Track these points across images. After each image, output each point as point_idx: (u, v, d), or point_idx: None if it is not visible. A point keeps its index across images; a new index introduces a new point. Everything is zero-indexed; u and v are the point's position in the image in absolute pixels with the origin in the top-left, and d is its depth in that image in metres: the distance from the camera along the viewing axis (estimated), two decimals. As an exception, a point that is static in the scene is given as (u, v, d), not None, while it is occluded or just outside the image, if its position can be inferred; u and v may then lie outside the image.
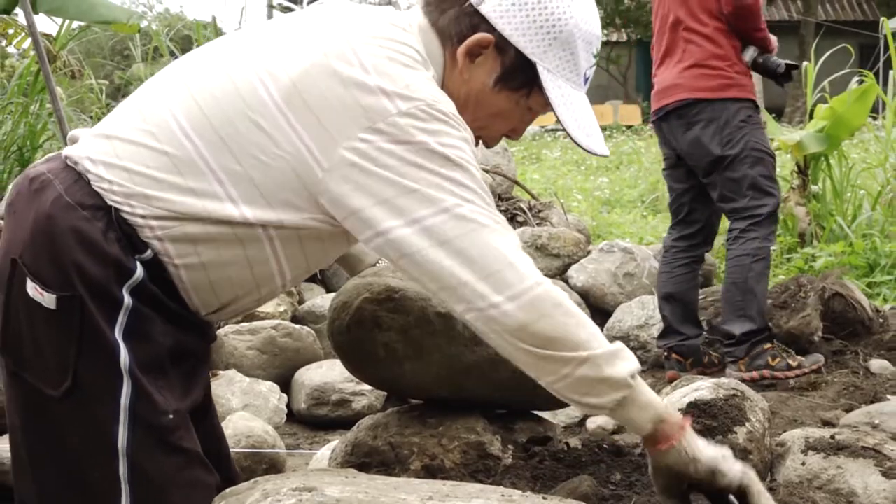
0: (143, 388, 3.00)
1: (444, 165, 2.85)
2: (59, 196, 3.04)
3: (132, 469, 3.02)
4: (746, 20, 7.45)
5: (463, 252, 2.82)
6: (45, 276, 2.99)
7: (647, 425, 2.87)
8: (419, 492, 2.74)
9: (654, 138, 30.34)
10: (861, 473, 3.19)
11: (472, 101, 3.13)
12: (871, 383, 7.67)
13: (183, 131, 2.99)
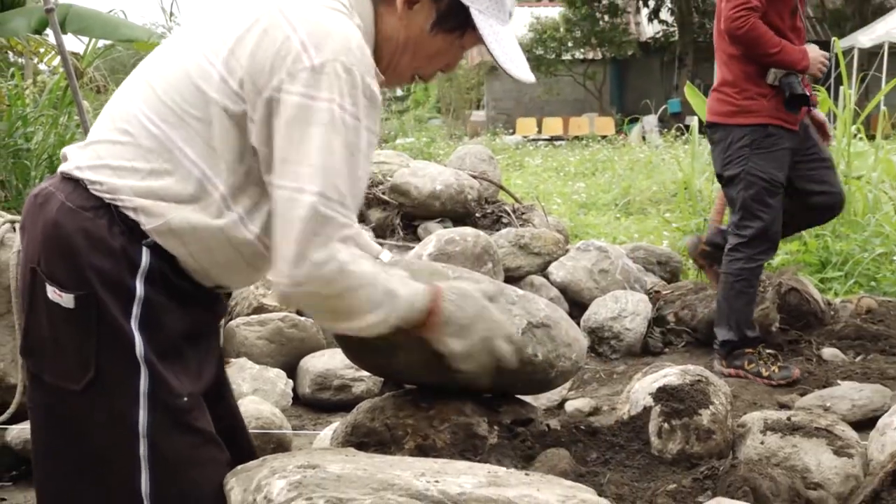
0: (159, 374, 3.02)
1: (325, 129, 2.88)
2: (61, 203, 3.06)
3: (152, 449, 3.03)
4: (748, 48, 7.30)
5: (286, 234, 2.89)
6: (62, 278, 3.01)
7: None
8: (413, 469, 2.77)
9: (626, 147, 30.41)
10: (814, 452, 3.20)
11: (412, 44, 3.18)
12: (823, 370, 7.70)
13: (149, 119, 3.03)
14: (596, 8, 49.17)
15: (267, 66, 2.89)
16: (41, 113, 10.71)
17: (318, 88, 2.86)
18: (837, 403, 6.63)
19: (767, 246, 7.49)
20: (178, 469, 3.08)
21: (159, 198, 3.00)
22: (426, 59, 3.22)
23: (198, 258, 3.07)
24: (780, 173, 7.35)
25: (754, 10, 7.18)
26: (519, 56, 3.19)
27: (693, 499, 2.97)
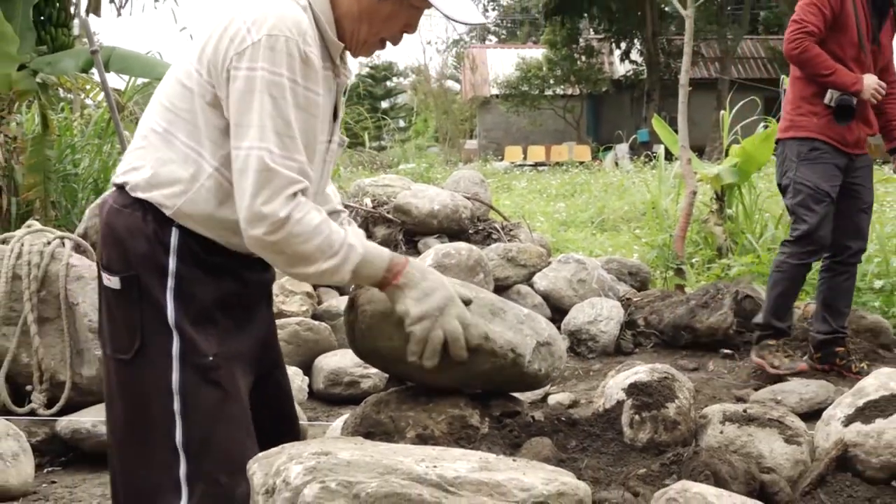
0: (190, 337, 3.17)
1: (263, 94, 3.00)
2: (110, 206, 3.30)
3: (184, 404, 3.17)
4: (803, 68, 7.26)
5: (242, 188, 3.01)
6: (112, 265, 3.24)
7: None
8: (413, 455, 2.76)
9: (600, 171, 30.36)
10: (767, 440, 3.19)
11: (366, 14, 3.20)
12: (775, 367, 7.68)
13: (155, 122, 3.22)
14: (574, 50, 49.39)
15: (222, 50, 3.03)
16: (87, 142, 10.72)
17: (257, 60, 2.98)
18: (787, 397, 6.63)
19: (813, 248, 7.33)
20: (205, 421, 3.19)
21: (168, 185, 3.16)
22: (383, 24, 3.23)
23: (212, 230, 3.19)
24: (825, 183, 7.23)
25: (810, 35, 7.14)
26: (462, 3, 3.19)
27: (661, 482, 2.96)
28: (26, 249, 6.45)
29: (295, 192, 3.01)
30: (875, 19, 7.29)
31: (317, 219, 3.03)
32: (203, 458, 3.18)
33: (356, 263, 3.09)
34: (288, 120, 3.01)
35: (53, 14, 9.64)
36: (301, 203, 3.01)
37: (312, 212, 3.03)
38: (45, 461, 6.34)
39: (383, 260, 3.14)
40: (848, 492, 3.07)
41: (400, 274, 3.14)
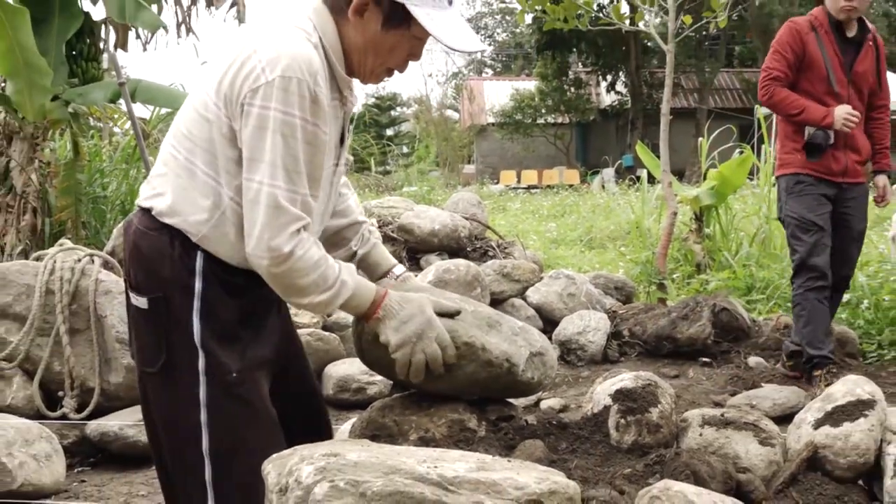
0: (215, 355, 3.18)
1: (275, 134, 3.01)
2: (136, 228, 3.30)
3: (210, 416, 3.20)
4: (775, 111, 7.34)
5: (252, 219, 3.05)
6: (139, 286, 3.25)
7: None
8: (416, 456, 2.76)
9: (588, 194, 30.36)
10: (743, 442, 3.18)
11: (371, 45, 3.19)
12: (749, 374, 7.68)
13: (175, 149, 3.23)
14: (564, 82, 49.48)
15: (238, 85, 3.03)
16: (115, 167, 10.74)
17: (270, 100, 2.99)
18: (761, 402, 6.62)
19: (812, 276, 7.25)
20: (230, 431, 3.22)
21: (193, 213, 3.17)
22: (388, 54, 3.23)
23: (233, 254, 3.20)
24: (810, 213, 7.17)
25: (776, 80, 7.17)
26: (459, 31, 3.17)
27: (644, 481, 2.96)
28: (58, 266, 6.46)
29: (299, 229, 3.06)
30: (846, 53, 7.23)
31: (316, 255, 3.10)
32: (230, 464, 3.22)
33: (346, 298, 3.17)
34: (297, 157, 3.03)
35: (84, 49, 9.64)
36: (303, 240, 3.07)
37: (313, 248, 3.09)
38: (75, 462, 6.34)
39: (370, 293, 3.22)
40: (818, 490, 3.07)
41: (379, 307, 3.21)
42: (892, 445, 3.10)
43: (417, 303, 3.23)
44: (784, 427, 3.43)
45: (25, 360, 6.47)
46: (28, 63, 8.18)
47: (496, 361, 3.28)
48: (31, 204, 8.85)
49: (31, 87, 8.38)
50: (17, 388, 6.47)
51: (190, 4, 10.52)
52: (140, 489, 5.93)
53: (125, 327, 6.39)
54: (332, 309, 3.19)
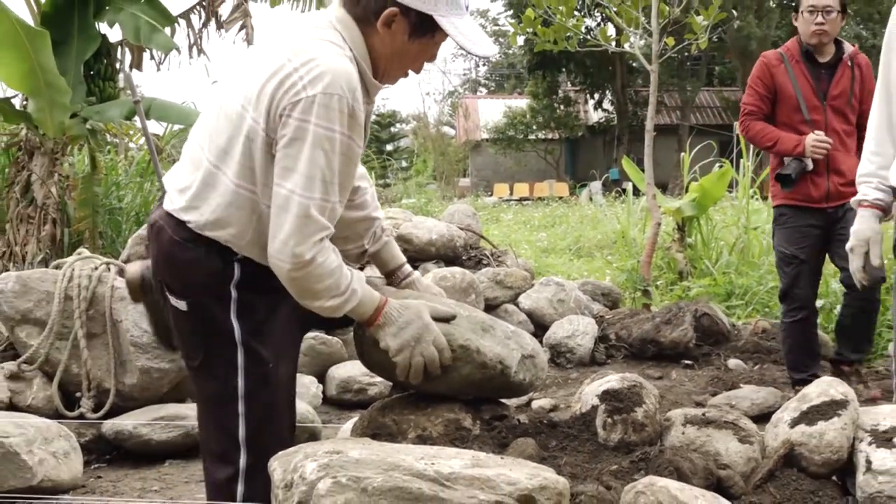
0: (252, 349, 3.29)
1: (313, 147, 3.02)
2: (170, 237, 3.30)
3: (247, 405, 3.31)
4: (753, 145, 7.12)
5: (279, 224, 3.08)
6: (176, 291, 3.33)
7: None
8: (414, 454, 2.77)
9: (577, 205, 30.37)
10: (724, 440, 3.18)
11: (397, 54, 3.22)
12: (729, 376, 7.70)
13: (210, 162, 3.23)
14: (554, 100, 49.62)
15: (277, 98, 3.03)
16: (130, 180, 10.73)
17: (310, 114, 2.99)
18: (741, 402, 6.62)
19: (795, 305, 7.00)
20: (264, 419, 3.33)
21: (232, 226, 3.22)
22: (412, 61, 3.28)
23: (265, 257, 3.18)
24: (792, 246, 6.94)
25: (751, 115, 7.03)
26: (478, 36, 3.21)
27: (630, 477, 2.96)
28: (76, 274, 6.46)
29: (321, 238, 3.07)
30: (820, 78, 6.94)
31: (334, 263, 3.12)
32: (262, 452, 3.22)
33: (354, 305, 3.19)
34: (333, 169, 3.05)
35: (101, 69, 9.66)
36: (325, 248, 3.09)
37: (332, 255, 3.12)
38: (92, 458, 6.32)
39: (374, 302, 3.24)
40: (794, 485, 3.06)
41: (380, 314, 3.23)
42: (864, 443, 3.10)
43: (415, 309, 3.25)
44: (762, 426, 3.42)
45: (45, 362, 6.47)
46: (48, 83, 8.19)
47: (490, 363, 3.29)
48: (51, 215, 8.85)
49: (51, 105, 8.38)
50: (38, 389, 6.46)
51: (201, 27, 10.53)
52: (153, 485, 5.93)
53: (140, 331, 6.42)
54: (339, 313, 3.20)
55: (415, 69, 3.34)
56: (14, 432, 5.54)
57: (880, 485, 2.96)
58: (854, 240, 4.55)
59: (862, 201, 4.57)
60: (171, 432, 6.35)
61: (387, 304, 3.24)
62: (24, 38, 7.87)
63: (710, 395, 7.14)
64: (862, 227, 4.52)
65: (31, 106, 8.67)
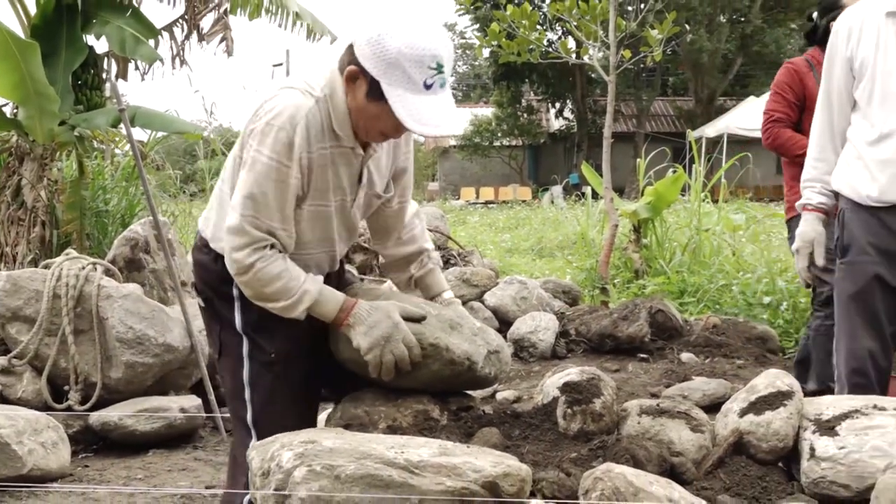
0: (254, 340, 3.48)
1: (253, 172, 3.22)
2: (196, 246, 3.65)
3: (252, 391, 3.50)
4: (779, 153, 6.63)
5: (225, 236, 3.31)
6: (197, 291, 3.67)
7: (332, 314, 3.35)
8: (385, 443, 2.78)
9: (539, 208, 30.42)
10: (677, 429, 3.18)
11: (359, 110, 3.21)
12: (682, 369, 7.70)
13: (220, 186, 3.57)
14: (518, 108, 49.74)
15: (247, 128, 3.29)
16: (116, 184, 10.68)
17: (255, 142, 3.21)
18: (693, 393, 6.63)
19: (819, 312, 6.45)
20: (264, 403, 3.49)
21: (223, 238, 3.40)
22: (374, 121, 3.22)
23: None
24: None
25: (778, 122, 6.53)
26: (427, 114, 3.10)
27: (589, 464, 2.96)
28: (64, 273, 6.44)
29: (261, 247, 3.24)
30: None
31: (277, 269, 3.26)
32: (263, 431, 3.35)
33: (309, 304, 3.30)
34: (266, 192, 3.20)
35: (88, 79, 9.60)
36: (265, 255, 3.25)
37: (275, 263, 3.26)
38: (79, 448, 6.32)
39: (336, 304, 3.33)
40: (742, 471, 3.07)
41: (349, 314, 3.29)
42: (808, 431, 3.11)
43: (384, 309, 3.27)
44: (712, 415, 3.43)
45: (34, 357, 6.45)
46: (38, 92, 8.14)
47: (458, 360, 3.30)
48: (40, 217, 8.80)
49: (40, 113, 8.34)
50: (27, 382, 6.44)
51: (183, 39, 10.45)
52: (137, 473, 5.91)
53: (125, 328, 6.41)
54: (297, 313, 3.32)
55: (386, 131, 3.27)
56: (5, 424, 5.53)
57: (823, 470, 2.97)
58: (799, 241, 4.60)
59: (806, 205, 4.62)
60: (155, 423, 6.35)
61: (356, 305, 3.29)
62: (14, 49, 7.82)
63: (664, 386, 7.15)
64: (806, 229, 4.58)
65: (21, 114, 8.62)
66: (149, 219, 7.61)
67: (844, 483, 2.93)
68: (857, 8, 4.47)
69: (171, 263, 7.25)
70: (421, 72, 3.06)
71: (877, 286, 4.35)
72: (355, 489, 2.63)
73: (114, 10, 9.38)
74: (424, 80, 3.08)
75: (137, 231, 7.62)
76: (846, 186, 4.45)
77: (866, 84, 4.35)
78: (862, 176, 4.36)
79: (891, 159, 4.24)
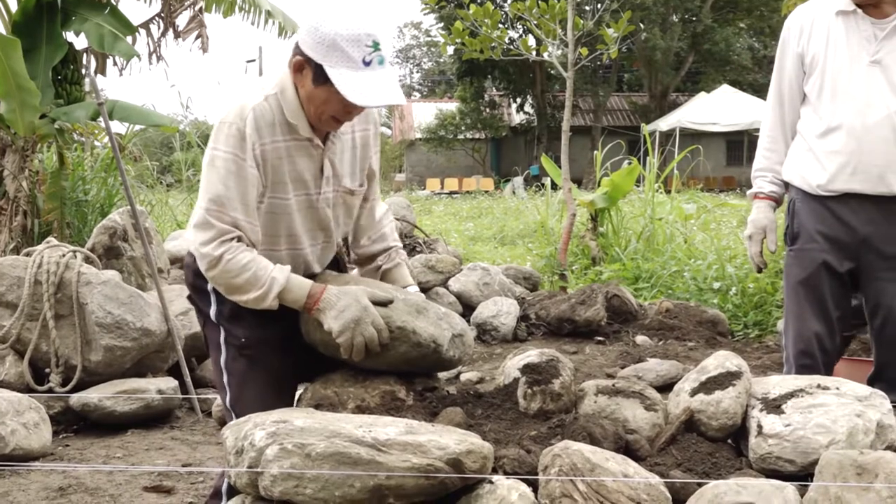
0: (227, 328, 3.50)
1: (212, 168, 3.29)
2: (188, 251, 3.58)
3: (229, 375, 3.53)
4: None
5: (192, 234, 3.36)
6: (187, 287, 3.70)
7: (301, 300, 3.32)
8: (353, 422, 2.79)
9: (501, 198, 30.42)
10: (631, 408, 3.19)
11: (309, 97, 3.26)
12: (637, 351, 7.74)
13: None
14: (481, 103, 49.63)
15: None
16: (95, 175, 10.63)
17: (213, 140, 3.29)
18: (647, 374, 6.66)
19: None
20: (239, 385, 3.51)
21: None
22: (323, 105, 3.25)
23: None
24: None
25: None
26: (367, 88, 3.15)
27: (548, 441, 2.97)
28: (45, 260, 6.40)
29: (228, 239, 3.26)
30: None
31: (245, 259, 3.26)
32: (240, 414, 3.31)
33: (278, 293, 3.28)
34: (227, 184, 3.25)
35: (68, 74, 9.53)
36: (233, 247, 3.26)
37: (242, 253, 3.27)
38: (60, 429, 6.28)
39: (304, 290, 3.31)
40: (693, 448, 3.08)
41: (319, 300, 3.27)
42: (756, 410, 3.13)
43: (353, 294, 3.26)
44: (665, 395, 3.45)
45: (17, 341, 6.40)
46: (20, 86, 8.09)
47: (424, 342, 3.30)
48: (21, 207, 8.75)
49: (22, 106, 8.28)
50: (10, 365, 6.40)
51: (160, 36, 10.38)
52: (116, 452, 5.89)
53: (104, 313, 6.37)
54: (268, 303, 3.30)
55: (337, 115, 3.31)
56: (-12, 405, 5.49)
57: (770, 447, 2.99)
58: (752, 228, 4.64)
59: (758, 194, 4.66)
60: (133, 404, 6.32)
61: (325, 291, 3.28)
62: (-4, 45, 7.77)
63: (620, 367, 7.18)
64: (759, 216, 4.62)
65: (2, 107, 8.56)
66: (127, 208, 7.57)
67: (790, 458, 2.96)
68: (809, 6, 4.51)
69: (149, 251, 7.22)
70: (359, 50, 3.13)
71: (824, 272, 4.40)
72: (325, 466, 2.64)
73: (92, 7, 9.33)
74: (363, 58, 3.15)
75: (116, 220, 7.58)
76: (796, 177, 4.49)
77: (816, 79, 4.40)
78: (812, 167, 4.40)
79: (839, 151, 4.29)
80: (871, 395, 3.11)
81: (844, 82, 4.32)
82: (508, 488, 2.69)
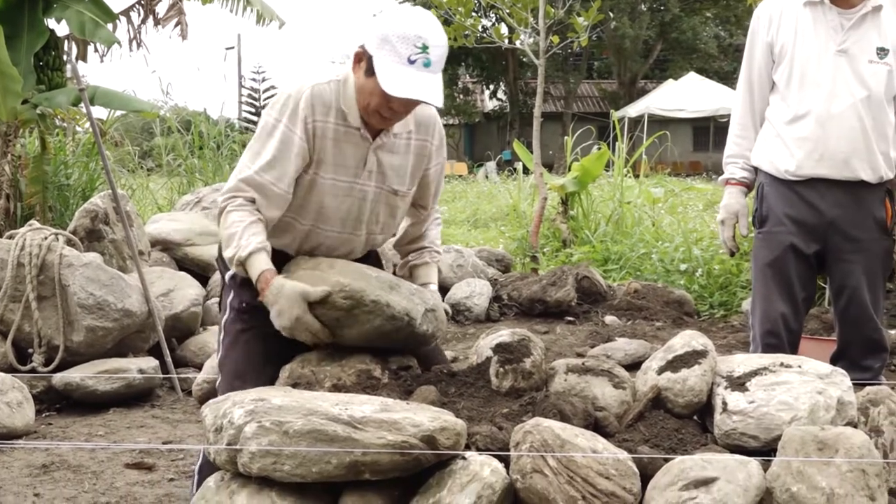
0: (237, 293, 3.57)
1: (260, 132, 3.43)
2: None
3: (224, 335, 3.63)
4: None
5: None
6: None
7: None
8: (330, 400, 2.79)
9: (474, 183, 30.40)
10: (600, 386, 3.20)
11: (360, 88, 3.34)
12: (606, 330, 7.77)
13: None
14: (454, 90, 49.43)
15: None
16: (77, 160, 10.58)
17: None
18: (615, 353, 6.58)
19: None
20: (230, 345, 3.58)
21: None
22: (369, 97, 3.30)
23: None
24: None
25: None
26: (404, 82, 3.19)
27: (519, 419, 2.97)
28: (28, 243, 6.37)
29: (238, 196, 3.37)
30: None
31: (237, 217, 3.35)
32: (225, 370, 3.52)
33: (241, 260, 3.32)
34: (268, 148, 3.37)
35: (50, 60, 9.45)
36: (239, 206, 3.36)
37: (240, 212, 3.36)
38: (43, 408, 6.26)
39: (257, 271, 3.31)
40: (661, 424, 3.09)
41: (264, 293, 3.29)
42: (721, 387, 3.15)
43: (286, 298, 3.22)
44: (633, 373, 3.46)
45: (0, 322, 6.37)
46: (2, 72, 8.02)
47: (398, 315, 3.31)
48: (4, 191, 8.70)
49: (4, 92, 8.22)
50: (-7, 346, 6.37)
51: (140, 23, 10.32)
52: (98, 430, 5.88)
53: (86, 294, 6.35)
54: (233, 266, 3.40)
55: (380, 109, 3.32)
56: (-28, 385, 5.46)
57: (734, 423, 3.00)
58: (724, 213, 4.68)
59: (730, 179, 4.70)
60: (115, 384, 6.31)
61: (269, 285, 3.27)
62: (-22, 33, 7.70)
63: (589, 347, 7.17)
64: (731, 201, 4.66)
65: (-15, 93, 8.50)
66: (108, 192, 7.52)
67: (753, 434, 2.97)
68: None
69: (129, 234, 7.18)
70: (407, 47, 3.20)
71: (791, 255, 4.44)
72: (302, 443, 2.64)
73: (73, -6, 9.25)
74: (409, 56, 3.20)
75: (97, 203, 7.54)
76: (766, 162, 4.53)
77: (784, 67, 4.43)
78: (780, 152, 4.44)
79: (807, 137, 4.34)
80: (832, 374, 3.13)
81: (812, 71, 4.36)
82: (481, 464, 2.69)
